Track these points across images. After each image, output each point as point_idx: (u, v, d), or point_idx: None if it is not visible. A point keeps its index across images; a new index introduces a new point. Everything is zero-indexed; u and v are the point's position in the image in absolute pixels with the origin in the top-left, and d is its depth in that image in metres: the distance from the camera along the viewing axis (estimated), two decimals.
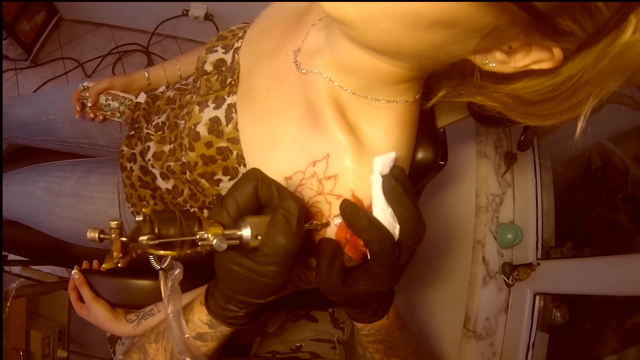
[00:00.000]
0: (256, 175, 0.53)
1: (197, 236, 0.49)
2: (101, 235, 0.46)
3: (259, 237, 0.51)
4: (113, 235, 0.46)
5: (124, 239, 0.46)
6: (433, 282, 1.52)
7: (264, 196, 0.53)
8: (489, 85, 0.57)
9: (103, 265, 0.46)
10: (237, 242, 0.51)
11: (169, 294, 0.56)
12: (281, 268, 0.51)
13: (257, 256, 0.51)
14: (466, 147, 1.38)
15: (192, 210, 0.87)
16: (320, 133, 0.61)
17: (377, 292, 0.60)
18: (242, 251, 0.52)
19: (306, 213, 0.61)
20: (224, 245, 0.49)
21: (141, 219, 0.48)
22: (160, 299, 0.73)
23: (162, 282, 0.56)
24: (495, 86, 0.56)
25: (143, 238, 0.46)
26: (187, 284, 0.74)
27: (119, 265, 0.46)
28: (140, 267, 0.92)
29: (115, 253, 0.46)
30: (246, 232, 0.51)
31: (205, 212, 0.87)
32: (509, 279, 1.25)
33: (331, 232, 0.61)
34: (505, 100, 0.57)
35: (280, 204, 0.52)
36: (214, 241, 0.49)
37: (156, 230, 0.47)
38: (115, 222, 0.46)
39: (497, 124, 0.80)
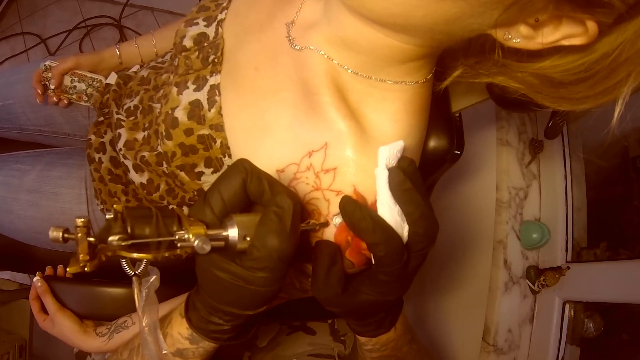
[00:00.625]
0: (244, 166, 0.52)
1: (176, 236, 0.48)
2: (65, 235, 0.45)
3: (248, 239, 0.51)
4: (79, 235, 0.45)
5: (91, 239, 0.46)
6: (447, 289, 1.52)
7: (254, 191, 0.52)
8: (512, 63, 0.56)
9: (68, 269, 0.45)
10: (222, 243, 0.51)
11: (143, 304, 0.56)
12: (273, 274, 0.51)
13: (246, 260, 0.51)
14: (485, 134, 1.37)
15: (170, 207, 0.87)
16: (317, 119, 0.61)
17: (382, 302, 0.59)
18: (228, 254, 0.52)
19: (302, 211, 0.60)
20: (207, 247, 0.48)
21: (112, 216, 0.47)
22: (134, 309, 0.73)
23: (136, 291, 0.55)
24: (520, 65, 0.56)
25: (113, 238, 0.46)
26: (165, 292, 0.74)
27: (86, 269, 0.46)
28: (111, 273, 0.92)
29: (81, 255, 0.46)
30: (233, 233, 0.50)
31: (186, 209, 0.87)
32: (534, 285, 1.25)
33: (330, 233, 0.61)
34: (530, 81, 0.56)
35: (272, 200, 0.51)
36: (196, 242, 0.48)
37: (129, 230, 0.47)
38: (82, 220, 0.45)
39: (521, 108, 0.80)
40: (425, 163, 0.89)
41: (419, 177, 0.58)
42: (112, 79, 1.14)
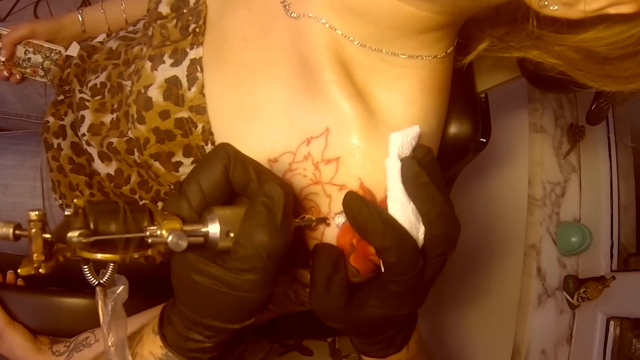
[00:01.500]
0: (227, 151, 0.52)
1: (147, 233, 0.48)
2: (17, 232, 0.45)
3: (232, 235, 0.51)
4: (33, 231, 0.45)
5: (47, 235, 0.46)
6: (469, 302, 1.52)
7: (238, 180, 0.53)
8: (548, 35, 0.56)
9: (19, 271, 0.45)
10: (201, 240, 0.51)
11: (109, 318, 0.56)
12: (262, 276, 0.51)
13: (229, 261, 0.51)
14: (516, 119, 1.38)
15: (141, 202, 0.87)
16: (316, 100, 0.61)
17: (393, 317, 0.60)
18: (208, 254, 0.52)
19: (296, 206, 0.61)
20: (184, 244, 0.48)
21: (71, 212, 0.47)
22: (98, 324, 0.73)
23: (100, 303, 0.55)
24: (558, 37, 0.56)
25: (73, 234, 0.45)
26: (134, 305, 0.75)
27: (41, 271, 0.46)
28: (71, 281, 0.92)
29: (35, 255, 0.46)
30: (213, 228, 0.50)
31: (161, 205, 0.87)
32: (573, 298, 1.26)
33: (331, 235, 0.61)
34: (570, 55, 0.57)
35: (260, 189, 0.51)
36: (170, 238, 0.48)
37: (91, 226, 0.46)
38: (36, 213, 0.45)
39: (558, 88, 0.80)
40: (445, 153, 0.89)
41: (438, 169, 0.58)
42: (74, 50, 1.14)
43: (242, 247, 0.50)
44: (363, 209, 0.54)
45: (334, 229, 0.60)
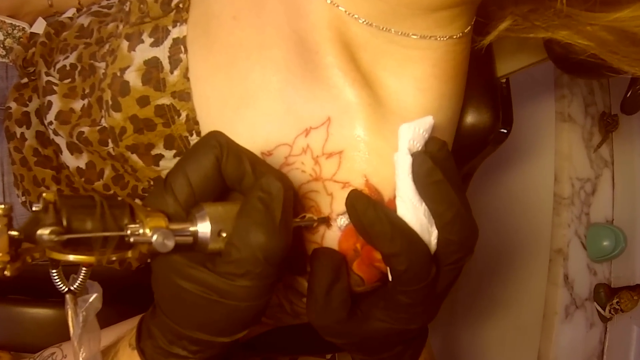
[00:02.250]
0: (219, 140, 0.52)
1: (128, 231, 0.48)
2: None
3: (224, 235, 0.50)
4: None
5: (14, 232, 0.45)
6: (487, 315, 1.53)
7: (231, 173, 0.52)
8: (579, 13, 0.57)
9: None
10: (189, 240, 0.50)
11: (80, 331, 0.56)
12: (258, 282, 0.51)
13: (221, 264, 0.50)
14: (541, 107, 1.38)
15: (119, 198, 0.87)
16: (316, 86, 0.62)
17: (401, 332, 0.60)
18: (196, 257, 0.52)
19: (295, 204, 0.61)
20: (171, 244, 0.48)
21: (40, 208, 0.47)
22: (67, 337, 0.74)
23: (70, 313, 0.55)
24: (590, 15, 0.56)
25: (43, 231, 0.44)
26: (109, 315, 0.74)
27: (6, 273, 0.45)
28: (36, 288, 0.92)
29: (0, 254, 0.46)
30: (203, 227, 0.50)
31: (140, 202, 0.87)
32: (605, 310, 1.26)
33: (333, 238, 0.61)
34: (603, 36, 0.57)
35: (256, 183, 0.51)
36: (155, 237, 0.47)
37: (64, 222, 0.46)
38: (1, 207, 0.44)
39: (590, 73, 0.80)
40: (462, 146, 0.89)
41: (453, 165, 0.58)
42: (40, 27, 1.13)
43: (235, 249, 0.49)
44: (369, 209, 0.54)
45: (335, 232, 0.61)
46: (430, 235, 0.55)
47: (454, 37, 0.64)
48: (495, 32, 0.64)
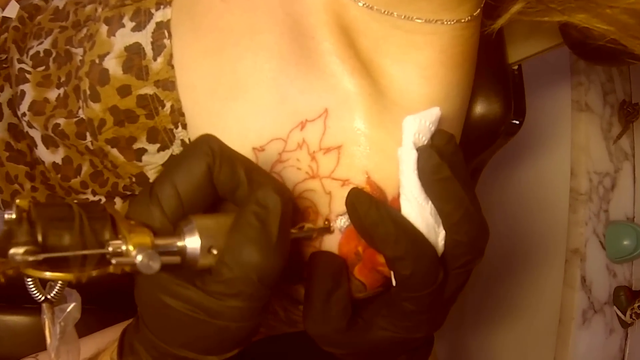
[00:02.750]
0: (211, 146, 0.52)
1: (110, 248, 0.47)
2: None
3: (215, 251, 0.50)
4: None
5: None
6: (499, 320, 1.53)
7: (224, 183, 0.52)
8: None
9: None
10: (177, 259, 0.50)
11: (57, 343, 0.56)
12: (251, 303, 0.51)
13: (211, 283, 0.50)
14: (556, 95, 1.38)
15: (100, 201, 0.87)
16: (312, 74, 0.62)
17: (406, 341, 0.60)
18: (184, 274, 0.52)
19: (294, 211, 0.61)
20: (156, 265, 0.47)
21: (13, 217, 0.47)
22: (43, 348, 0.74)
23: (47, 323, 0.55)
24: None
25: (17, 251, 0.45)
26: (88, 323, 0.75)
27: None
28: (10, 294, 0.92)
29: None
30: (192, 243, 0.50)
31: (119, 202, 0.87)
32: (625, 315, 1.26)
33: (332, 241, 0.61)
34: (624, 20, 0.57)
35: (251, 195, 0.51)
36: (139, 258, 0.47)
37: (39, 237, 0.46)
38: None
39: (609, 59, 0.80)
40: (471, 138, 0.89)
41: (462, 160, 0.58)
42: (12, 11, 1.13)
43: (227, 268, 0.49)
44: (371, 210, 0.54)
45: (335, 234, 0.61)
46: (437, 236, 0.56)
47: (462, 20, 0.64)
48: (507, 16, 0.64)
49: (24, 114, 0.91)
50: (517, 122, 0.95)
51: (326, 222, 0.61)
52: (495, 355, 1.52)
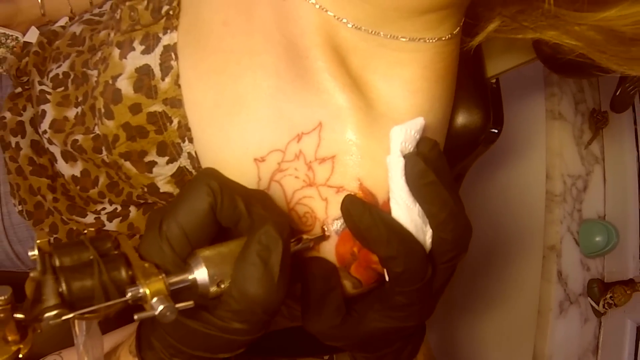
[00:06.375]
0: (211, 186, 0.52)
1: (129, 294, 0.48)
2: None
3: (222, 286, 0.51)
4: (2, 315, 0.45)
5: (19, 315, 0.46)
6: (483, 311, 1.53)
7: (227, 217, 0.53)
8: (567, 13, 0.56)
9: None
10: (190, 303, 0.50)
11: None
12: (256, 326, 0.52)
13: (220, 310, 0.52)
14: (531, 105, 1.38)
15: (114, 235, 0.87)
16: (307, 91, 0.61)
17: (399, 329, 0.60)
18: (195, 299, 0.52)
19: (291, 214, 0.61)
20: (173, 316, 0.48)
21: (36, 254, 0.48)
22: (65, 345, 0.73)
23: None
24: (577, 15, 0.56)
25: (50, 315, 0.45)
26: (107, 320, 0.74)
27: (20, 356, 0.47)
28: None
29: (10, 337, 0.46)
30: (201, 274, 0.51)
31: (134, 210, 0.87)
32: (598, 305, 1.26)
33: (329, 243, 0.61)
34: (592, 36, 0.57)
35: (253, 231, 0.51)
36: (159, 308, 0.47)
37: (63, 287, 0.47)
38: (2, 298, 0.45)
39: (578, 72, 0.80)
40: (453, 146, 0.89)
41: (446, 165, 0.58)
42: (33, 36, 1.13)
43: (234, 301, 0.50)
44: (365, 214, 0.54)
45: (332, 237, 0.61)
46: (425, 235, 0.56)
47: (443, 38, 0.63)
48: (484, 33, 0.64)
49: (44, 132, 0.91)
50: (496, 131, 0.94)
51: (323, 228, 0.61)
52: (480, 342, 1.52)
